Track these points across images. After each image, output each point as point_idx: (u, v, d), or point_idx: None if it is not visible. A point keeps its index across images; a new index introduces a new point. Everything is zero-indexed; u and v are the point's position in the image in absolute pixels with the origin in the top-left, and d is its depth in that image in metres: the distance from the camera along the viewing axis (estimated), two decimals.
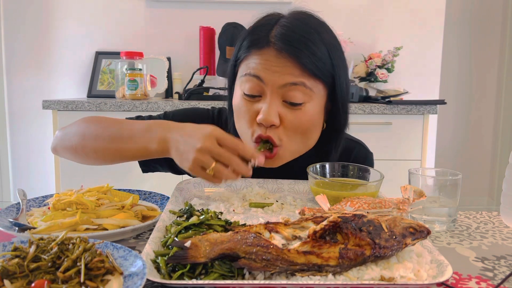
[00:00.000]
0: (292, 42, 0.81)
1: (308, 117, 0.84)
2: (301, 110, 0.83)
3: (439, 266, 0.55)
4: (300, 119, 0.83)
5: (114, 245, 0.57)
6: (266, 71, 0.81)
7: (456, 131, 3.52)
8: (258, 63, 0.82)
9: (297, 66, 0.80)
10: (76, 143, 0.86)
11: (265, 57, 0.82)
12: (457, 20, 3.36)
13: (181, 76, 2.61)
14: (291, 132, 0.84)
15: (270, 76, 0.81)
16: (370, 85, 2.63)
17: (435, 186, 0.79)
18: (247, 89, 0.84)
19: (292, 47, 0.80)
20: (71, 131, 0.89)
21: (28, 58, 2.72)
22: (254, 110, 0.84)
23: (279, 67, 0.81)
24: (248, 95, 0.84)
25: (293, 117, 0.83)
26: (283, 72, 0.80)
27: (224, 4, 2.70)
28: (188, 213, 0.70)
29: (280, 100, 0.83)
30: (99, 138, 0.83)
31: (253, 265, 0.51)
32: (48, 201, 0.82)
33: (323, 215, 0.59)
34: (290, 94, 0.81)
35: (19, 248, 0.53)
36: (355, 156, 1.04)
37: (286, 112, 0.83)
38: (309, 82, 0.82)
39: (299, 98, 0.82)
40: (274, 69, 0.81)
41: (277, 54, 0.81)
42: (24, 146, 2.79)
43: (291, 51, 0.80)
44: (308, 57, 0.80)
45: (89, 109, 2.13)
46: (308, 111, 0.83)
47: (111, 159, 0.84)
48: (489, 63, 3.46)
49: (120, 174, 2.13)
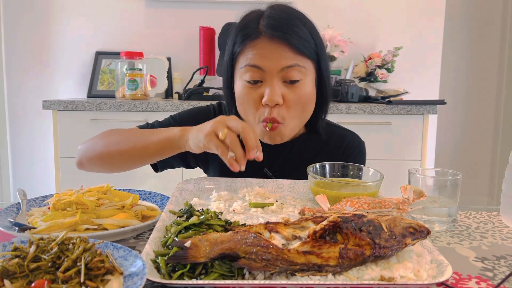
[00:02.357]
0: (281, 28, 0.91)
1: (306, 92, 0.94)
2: (299, 87, 0.93)
3: (439, 266, 0.55)
4: (299, 95, 0.93)
5: (114, 245, 0.57)
6: (263, 59, 0.91)
7: (456, 131, 3.52)
8: (255, 53, 0.91)
9: (289, 49, 0.90)
10: (102, 151, 0.95)
11: (259, 46, 0.91)
12: (457, 20, 3.36)
13: (181, 76, 2.61)
14: (292, 109, 0.94)
15: (267, 63, 0.91)
16: (370, 85, 2.63)
17: (435, 186, 0.79)
18: (249, 77, 0.92)
19: (282, 33, 0.90)
20: (93, 143, 0.98)
21: (28, 58, 2.72)
22: (257, 94, 0.93)
23: (274, 53, 0.90)
24: (250, 81, 0.93)
25: (293, 94, 0.92)
26: (278, 57, 0.90)
27: (224, 4, 2.70)
28: (188, 213, 0.70)
29: (280, 81, 0.92)
30: (123, 142, 0.93)
31: (253, 265, 0.51)
32: (48, 201, 0.82)
33: (323, 215, 0.59)
34: (289, 74, 0.91)
35: (19, 248, 0.53)
36: (348, 143, 1.11)
37: (287, 91, 0.92)
38: (301, 62, 0.92)
39: (297, 76, 0.92)
40: (270, 55, 0.91)
41: (269, 41, 0.91)
42: (24, 146, 2.79)
43: (281, 36, 0.90)
44: (296, 39, 0.91)
45: (89, 109, 2.13)
46: (305, 86, 0.94)
47: (136, 159, 0.93)
48: (489, 63, 3.46)
49: (120, 174, 2.13)
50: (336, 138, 1.09)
